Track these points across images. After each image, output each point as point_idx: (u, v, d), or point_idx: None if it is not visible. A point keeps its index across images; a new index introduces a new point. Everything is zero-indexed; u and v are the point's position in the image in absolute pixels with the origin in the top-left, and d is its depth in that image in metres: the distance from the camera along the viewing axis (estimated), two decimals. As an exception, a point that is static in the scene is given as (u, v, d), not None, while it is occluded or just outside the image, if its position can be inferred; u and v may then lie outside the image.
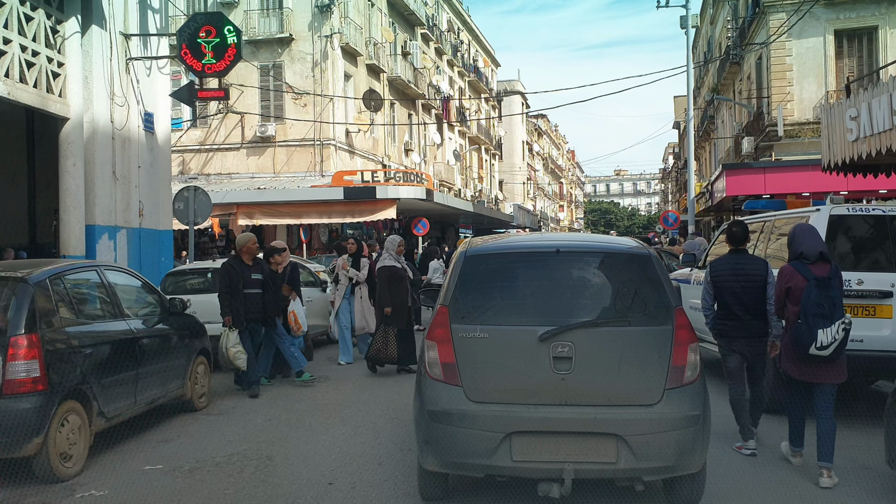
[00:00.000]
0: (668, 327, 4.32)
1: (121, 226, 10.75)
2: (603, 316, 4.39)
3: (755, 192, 21.82)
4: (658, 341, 4.30)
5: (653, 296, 4.43)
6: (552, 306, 4.43)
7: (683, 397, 4.24)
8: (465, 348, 4.33)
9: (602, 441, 4.14)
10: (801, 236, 5.27)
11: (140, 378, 6.19)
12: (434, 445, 4.32)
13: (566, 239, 5.58)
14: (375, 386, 8.80)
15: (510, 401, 4.25)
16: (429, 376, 4.42)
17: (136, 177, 11.13)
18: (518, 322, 4.37)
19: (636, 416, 4.17)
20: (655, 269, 4.55)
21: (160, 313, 6.98)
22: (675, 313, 4.39)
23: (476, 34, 49.68)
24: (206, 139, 28.37)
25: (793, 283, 5.14)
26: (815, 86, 23.88)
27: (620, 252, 4.85)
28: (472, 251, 4.77)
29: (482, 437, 4.19)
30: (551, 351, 4.20)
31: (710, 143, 42.46)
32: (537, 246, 5.09)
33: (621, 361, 4.26)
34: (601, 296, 4.55)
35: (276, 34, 27.60)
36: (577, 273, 4.62)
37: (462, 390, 4.29)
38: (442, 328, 4.43)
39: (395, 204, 24.16)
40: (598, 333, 4.31)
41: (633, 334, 4.34)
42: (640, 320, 4.34)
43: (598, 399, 4.21)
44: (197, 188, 12.91)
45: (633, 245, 5.00)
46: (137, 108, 11.12)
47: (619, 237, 6.50)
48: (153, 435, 6.54)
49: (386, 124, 31.95)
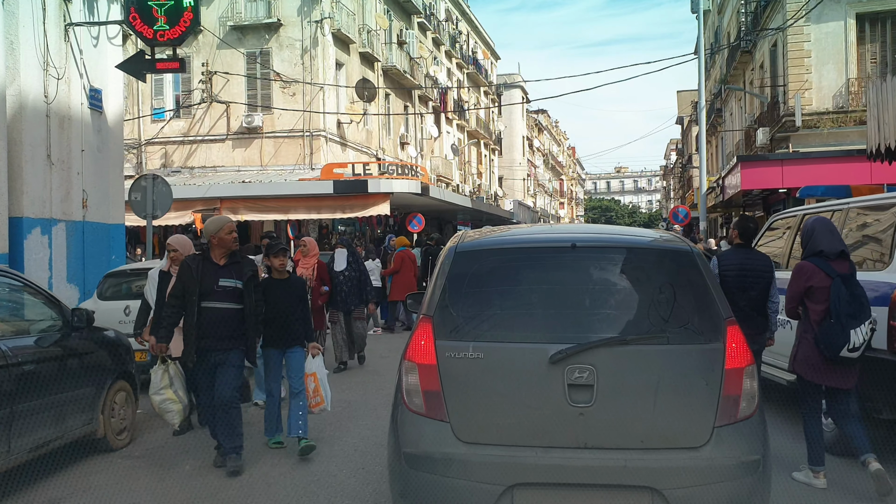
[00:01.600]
0: (718, 345, 3.41)
1: (58, 218, 9.27)
2: (633, 330, 3.48)
3: (772, 185, 20.73)
4: (705, 364, 3.40)
5: (697, 304, 3.54)
6: (567, 318, 3.56)
7: (738, 437, 3.34)
8: (453, 372, 3.46)
9: (633, 497, 3.27)
10: (820, 232, 4.91)
11: (16, 418, 4.62)
12: (412, 500, 3.45)
13: (583, 231, 4.51)
14: (342, 418, 6.99)
15: (512, 442, 3.37)
16: (407, 408, 3.52)
17: (80, 162, 9.65)
18: (523, 338, 3.51)
19: (677, 464, 3.28)
20: (700, 269, 3.62)
21: (59, 329, 5.45)
22: (727, 327, 3.45)
23: (475, 25, 48.27)
24: (189, 130, 27.00)
25: (815, 281, 4.81)
26: (834, 73, 22.60)
27: (654, 247, 3.95)
28: (464, 246, 3.87)
29: (475, 491, 3.31)
30: (566, 376, 3.34)
31: (717, 137, 41.12)
32: (547, 240, 4.13)
33: (658, 390, 3.35)
34: (630, 304, 3.65)
35: (263, 19, 26.37)
36: (598, 274, 3.70)
37: (449, 427, 3.41)
38: (424, 346, 3.53)
39: (389, 199, 23.07)
40: (627, 354, 3.41)
41: (672, 355, 3.43)
42: (682, 336, 3.46)
43: (627, 441, 3.33)
44: (156, 176, 11.45)
45: (668, 238, 4.12)
46: (81, 82, 9.65)
47: (646, 229, 5.17)
48: (40, 492, 4.95)
49: (380, 114, 30.53)
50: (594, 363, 3.35)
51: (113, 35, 10.29)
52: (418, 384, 3.49)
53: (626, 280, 3.70)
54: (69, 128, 9.46)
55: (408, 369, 3.55)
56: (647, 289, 3.63)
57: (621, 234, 4.38)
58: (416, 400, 3.48)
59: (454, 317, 3.56)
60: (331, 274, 9.46)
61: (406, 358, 3.58)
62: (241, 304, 5.34)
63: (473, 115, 44.93)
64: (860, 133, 22.08)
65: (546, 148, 79.44)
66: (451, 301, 3.59)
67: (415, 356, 3.53)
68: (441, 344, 3.49)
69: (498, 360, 3.45)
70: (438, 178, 36.19)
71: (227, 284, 5.32)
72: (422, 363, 3.50)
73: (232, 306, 5.32)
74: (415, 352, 3.55)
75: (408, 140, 33.81)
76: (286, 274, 6.13)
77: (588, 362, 3.35)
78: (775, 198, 24.30)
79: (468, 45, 45.98)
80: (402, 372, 3.60)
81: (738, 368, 3.38)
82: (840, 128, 22.41)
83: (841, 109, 22.46)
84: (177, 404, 5.67)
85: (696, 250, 3.72)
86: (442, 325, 3.54)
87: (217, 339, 5.27)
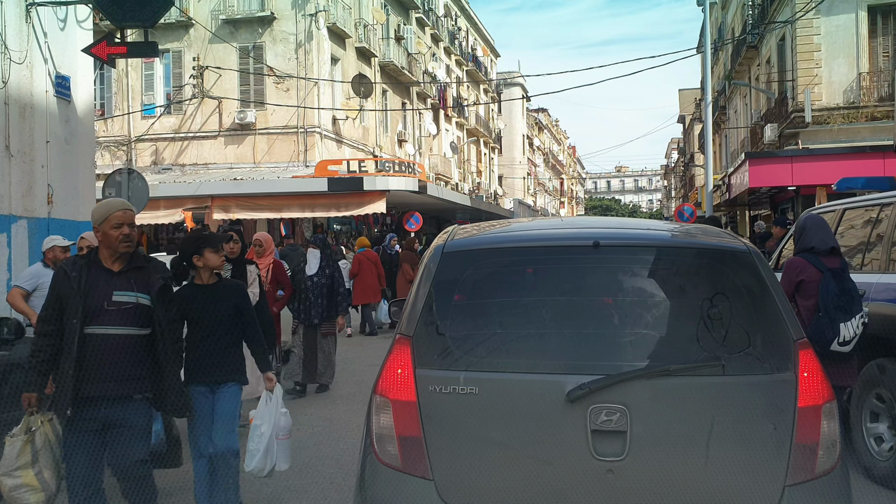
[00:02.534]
0: (788, 376, 2.60)
1: (19, 215, 8.54)
2: (677, 357, 2.63)
3: (781, 183, 20.12)
4: (772, 401, 2.58)
5: (760, 321, 2.71)
6: (589, 340, 2.72)
7: (817, 500, 2.51)
8: (439, 412, 2.63)
9: None
10: (812, 229, 4.95)
11: None
12: None
13: (603, 225, 3.54)
14: (322, 440, 5.83)
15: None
16: (377, 459, 2.67)
17: (44, 154, 8.93)
18: (531, 367, 2.66)
19: None
20: (762, 275, 2.78)
21: None
22: (799, 351, 2.64)
23: (474, 21, 47.55)
24: (180, 126, 26.30)
25: (805, 276, 4.81)
26: (845, 67, 21.94)
27: (701, 246, 3.06)
28: (454, 245, 2.98)
29: None
30: (589, 420, 2.52)
31: (721, 135, 40.41)
32: (561, 237, 3.22)
33: (710, 438, 2.52)
34: (672, 322, 2.78)
35: (256, 13, 25.70)
36: (629, 282, 2.86)
37: (433, 486, 2.58)
38: (401, 376, 2.68)
39: (385, 197, 22.46)
40: (669, 389, 2.57)
41: (729, 390, 2.58)
42: (741, 365, 2.62)
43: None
44: (132, 171, 10.75)
45: (715, 233, 3.23)
46: (45, 67, 8.93)
47: (681, 224, 4.44)
48: None
49: (377, 110, 29.82)
50: (627, 402, 2.54)
51: (83, 18, 9.57)
52: (392, 427, 2.66)
53: (667, 289, 2.85)
54: (32, 117, 8.74)
55: (379, 407, 2.70)
56: (694, 301, 2.78)
57: (654, 228, 3.52)
58: (390, 449, 2.65)
59: (441, 337, 2.75)
60: (297, 278, 7.91)
61: (377, 391, 2.74)
62: (147, 327, 3.62)
63: (473, 112, 44.24)
64: (872, 129, 21.45)
65: (546, 147, 78.85)
66: (437, 316, 2.76)
67: (388, 390, 2.70)
68: (423, 374, 2.67)
69: (498, 396, 2.63)
70: (437, 176, 35.54)
71: (124, 300, 3.56)
72: (397, 399, 2.66)
73: (133, 332, 3.57)
74: (388, 384, 2.71)
75: (406, 138, 33.12)
76: (215, 278, 4.29)
77: (619, 401, 2.54)
78: (783, 196, 23.66)
79: (467, 41, 45.27)
80: (371, 410, 2.75)
81: (814, 406, 2.58)
82: (851, 124, 21.75)
83: (852, 105, 21.79)
84: (37, 494, 3.56)
85: (755, 250, 2.89)
86: (425, 348, 2.71)
87: (109, 382, 3.49)
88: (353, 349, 11.15)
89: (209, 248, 4.18)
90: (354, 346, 11.45)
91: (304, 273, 7.95)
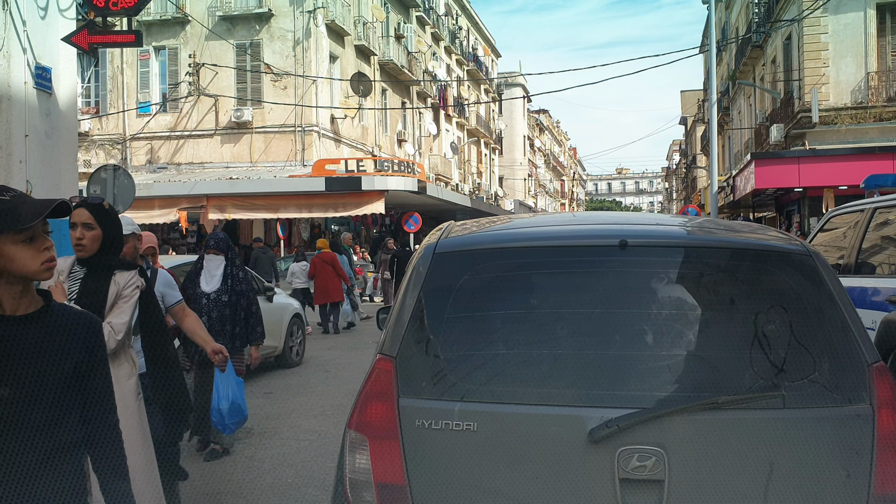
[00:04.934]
0: (864, 408, 2.09)
1: (-6, 212, 8.12)
2: (725, 386, 2.09)
3: (788, 184, 19.75)
4: (844, 440, 2.07)
5: (826, 341, 2.18)
6: (615, 364, 2.16)
7: None
8: (427, 454, 2.12)
9: None
10: None
11: None
12: None
13: (630, 220, 2.77)
14: (307, 457, 5.38)
15: None
16: None
17: (22, 148, 8.50)
18: (543, 397, 2.13)
19: None
20: (827, 285, 2.25)
21: None
22: (874, 377, 2.12)
23: (476, 21, 47.16)
24: (176, 125, 25.92)
25: None
26: (853, 67, 21.53)
27: (752, 247, 2.44)
28: (447, 244, 2.44)
29: None
30: (618, 466, 2.02)
31: (725, 136, 39.98)
32: (580, 234, 2.59)
33: (769, 487, 2.02)
34: (718, 341, 2.23)
35: (253, 9, 25.34)
36: (664, 291, 2.29)
37: None
38: (381, 407, 2.18)
39: (384, 197, 22.08)
40: (716, 426, 2.06)
41: (791, 426, 2.07)
42: (805, 395, 2.10)
43: None
44: (117, 167, 10.33)
45: (764, 232, 2.65)
46: (24, 58, 8.50)
47: (721, 219, 3.88)
48: None
49: (376, 109, 29.41)
50: (664, 443, 2.04)
51: (65, 7, 9.14)
52: (370, 472, 2.14)
53: (712, 301, 2.31)
54: (9, 109, 8.32)
55: (353, 445, 2.18)
56: (745, 316, 2.26)
57: (689, 225, 2.94)
58: (367, 497, 2.13)
59: (431, 359, 2.22)
60: (188, 295, 5.38)
61: (350, 426, 2.22)
62: None
63: (473, 113, 43.86)
64: (881, 130, 21.06)
65: (547, 148, 78.55)
66: (426, 332, 2.25)
67: (365, 425, 2.19)
68: (409, 405, 2.16)
69: (501, 434, 2.12)
70: (437, 176, 35.15)
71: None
72: (376, 436, 2.16)
73: None
74: (366, 416, 2.20)
75: (405, 137, 32.72)
76: (39, 302, 1.85)
77: (654, 442, 2.04)
78: (788, 198, 23.27)
79: (468, 41, 44.88)
80: (344, 448, 2.22)
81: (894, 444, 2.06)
82: (859, 124, 21.35)
83: (860, 105, 21.39)
84: None
85: (816, 251, 2.36)
86: (411, 371, 2.20)
87: None
88: (346, 354, 10.72)
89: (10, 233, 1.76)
90: (347, 351, 11.01)
91: (199, 287, 5.56)
